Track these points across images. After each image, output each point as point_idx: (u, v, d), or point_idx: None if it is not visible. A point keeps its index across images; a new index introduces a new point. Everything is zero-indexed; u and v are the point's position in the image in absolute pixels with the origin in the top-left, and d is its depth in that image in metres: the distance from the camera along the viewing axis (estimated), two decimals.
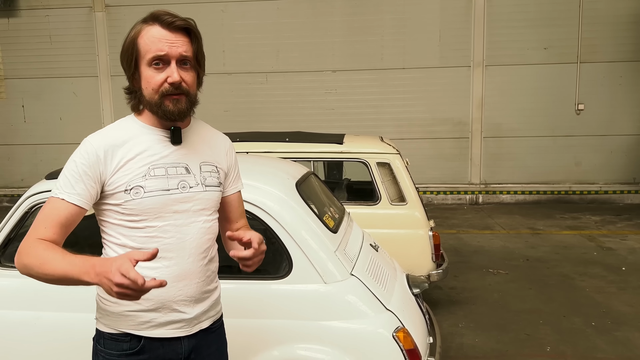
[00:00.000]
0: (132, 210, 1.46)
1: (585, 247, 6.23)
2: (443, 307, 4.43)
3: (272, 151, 4.23)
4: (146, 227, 1.48)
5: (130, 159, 1.47)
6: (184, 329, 1.55)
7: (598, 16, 8.63)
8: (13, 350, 2.37)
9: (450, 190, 9.15)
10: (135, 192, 1.45)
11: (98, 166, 1.44)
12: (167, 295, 1.49)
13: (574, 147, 8.96)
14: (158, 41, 1.42)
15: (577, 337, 3.87)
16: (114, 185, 1.46)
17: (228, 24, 9.13)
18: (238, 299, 2.29)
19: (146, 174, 1.47)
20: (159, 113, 1.47)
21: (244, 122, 8.77)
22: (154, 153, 1.49)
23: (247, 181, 2.42)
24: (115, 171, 1.45)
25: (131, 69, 1.48)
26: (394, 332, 2.21)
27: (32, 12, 9.40)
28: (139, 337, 1.51)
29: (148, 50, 1.43)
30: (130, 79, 1.51)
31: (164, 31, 1.43)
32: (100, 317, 1.55)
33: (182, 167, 1.52)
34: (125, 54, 1.48)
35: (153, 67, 1.44)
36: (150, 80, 1.44)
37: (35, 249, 1.37)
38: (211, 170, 1.58)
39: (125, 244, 1.49)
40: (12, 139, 9.69)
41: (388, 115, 9.07)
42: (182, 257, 1.51)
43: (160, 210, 1.48)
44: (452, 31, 8.87)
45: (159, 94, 1.44)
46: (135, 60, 1.46)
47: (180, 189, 1.50)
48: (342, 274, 2.29)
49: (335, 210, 2.86)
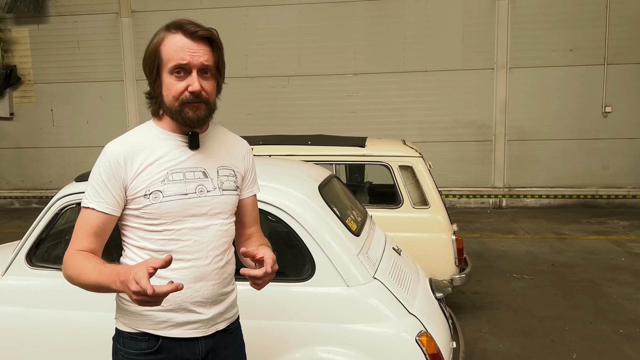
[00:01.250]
0: (151, 214, 1.50)
1: (613, 252, 6.09)
2: (466, 311, 4.38)
3: (295, 154, 4.25)
4: (164, 231, 1.51)
5: (149, 165, 1.50)
6: (201, 330, 1.58)
7: (626, 16, 8.45)
8: (43, 348, 2.43)
9: (474, 194, 9.05)
10: (155, 196, 1.49)
11: (120, 173, 1.49)
12: (184, 297, 1.52)
13: (601, 150, 8.78)
14: (180, 50, 1.45)
15: (604, 345, 3.78)
16: (134, 191, 1.49)
17: (250, 28, 9.22)
18: (260, 301, 2.31)
19: (165, 178, 1.50)
20: (179, 120, 1.50)
21: (267, 126, 8.83)
22: (172, 158, 1.52)
23: (270, 184, 2.45)
24: (135, 177, 1.49)
25: (153, 76, 1.51)
26: (417, 337, 2.20)
27: (60, 19, 9.64)
28: (157, 337, 1.54)
29: (170, 59, 1.46)
30: (152, 85, 1.54)
31: (186, 40, 1.45)
32: (120, 316, 1.59)
33: (199, 172, 1.55)
34: (148, 60, 1.51)
35: (175, 75, 1.46)
36: (171, 88, 1.47)
37: (73, 261, 1.46)
38: (228, 175, 1.61)
39: (144, 246, 1.53)
40: (41, 142, 9.95)
41: (410, 119, 9.02)
42: (199, 259, 1.54)
43: (179, 214, 1.51)
44: (475, 33, 8.79)
45: (179, 101, 1.47)
46: (157, 68, 1.49)
47: (198, 193, 1.53)
48: (364, 277, 2.29)
49: (357, 214, 2.86)
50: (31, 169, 10.04)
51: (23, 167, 10.11)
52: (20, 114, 10.03)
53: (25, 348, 2.45)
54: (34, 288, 2.47)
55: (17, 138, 10.08)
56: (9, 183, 10.20)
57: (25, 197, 10.11)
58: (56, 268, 2.46)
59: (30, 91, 9.94)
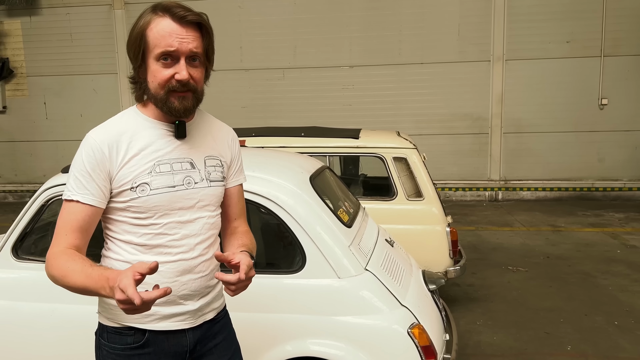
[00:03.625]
0: (138, 208, 1.44)
1: (609, 244, 6.08)
2: (461, 304, 4.36)
3: (288, 146, 4.21)
4: (151, 225, 1.46)
5: (134, 155, 1.43)
6: (188, 321, 1.54)
7: (622, 8, 8.40)
8: (30, 341, 2.39)
9: (469, 187, 9.03)
10: (142, 189, 1.43)
11: (105, 162, 1.41)
12: (172, 290, 1.46)
13: (597, 143, 8.76)
14: (168, 36, 1.37)
15: (598, 336, 3.77)
16: (120, 182, 1.43)
17: (245, 20, 9.14)
18: (251, 294, 2.26)
19: (152, 170, 1.44)
20: (164, 109, 1.44)
21: (261, 118, 8.78)
22: (159, 148, 1.46)
23: (260, 174, 2.41)
24: (120, 167, 1.42)
25: (138, 61, 1.44)
26: (409, 328, 2.18)
27: (53, 11, 9.54)
28: (143, 331, 1.49)
29: (157, 45, 1.38)
30: (137, 69, 1.47)
31: (174, 25, 1.38)
32: (103, 310, 1.53)
33: (187, 162, 1.49)
34: (133, 44, 1.43)
35: (161, 61, 1.39)
36: (157, 75, 1.40)
37: (57, 260, 1.37)
38: (215, 165, 1.56)
39: (129, 240, 1.47)
40: (34, 135, 9.87)
41: (406, 111, 8.98)
42: (186, 252, 1.50)
43: (166, 207, 1.46)
44: (471, 25, 8.73)
45: (165, 89, 1.41)
46: (143, 52, 1.41)
47: (186, 185, 1.48)
48: (356, 268, 2.26)
49: (349, 205, 2.83)
50: (24, 163, 9.97)
51: (16, 161, 10.03)
52: (12, 107, 9.94)
53: (12, 341, 2.41)
54: (20, 281, 2.43)
55: (10, 131, 10.00)
56: (3, 177, 10.13)
57: (19, 191, 10.04)
58: (42, 261, 2.40)
59: (23, 84, 9.85)
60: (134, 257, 1.46)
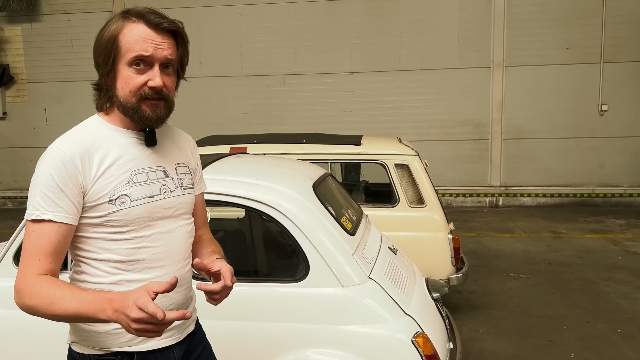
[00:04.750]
0: (118, 221, 1.35)
1: (610, 251, 6.07)
2: (463, 311, 4.34)
3: (289, 153, 4.21)
4: (133, 238, 1.38)
5: (109, 166, 1.35)
6: (175, 337, 1.50)
7: (622, 15, 8.43)
8: (32, 349, 2.38)
9: (470, 193, 9.02)
10: (121, 201, 1.35)
11: (77, 176, 1.31)
12: (162, 307, 1.40)
13: (597, 149, 8.76)
14: (143, 41, 1.32)
15: (602, 344, 3.75)
16: (95, 197, 1.34)
17: (245, 27, 9.16)
18: (254, 302, 2.26)
19: (129, 180, 1.37)
20: (135, 118, 1.37)
21: (262, 125, 8.77)
22: (133, 157, 1.39)
23: (263, 182, 2.40)
24: (94, 180, 1.33)
25: (107, 67, 1.36)
26: (414, 337, 2.16)
27: (54, 17, 9.56)
28: (130, 354, 1.42)
29: (130, 49, 1.33)
30: (103, 77, 1.39)
31: (149, 31, 1.33)
32: (81, 339, 1.42)
33: (160, 171, 1.44)
34: (104, 49, 1.36)
35: (134, 67, 1.33)
36: (129, 81, 1.34)
37: (38, 288, 1.25)
38: (185, 172, 1.53)
39: (108, 258, 1.37)
40: (34, 141, 9.86)
41: (406, 117, 8.98)
42: (171, 264, 1.45)
43: (147, 218, 1.39)
44: (471, 32, 8.76)
45: (137, 96, 1.35)
46: (114, 58, 1.35)
47: (163, 194, 1.43)
48: (359, 277, 2.25)
49: (352, 212, 2.82)
50: (25, 169, 9.94)
51: (16, 167, 10.02)
52: (13, 114, 9.94)
53: (14, 349, 2.40)
54: None
55: (10, 138, 9.99)
56: (2, 183, 10.11)
57: (18, 198, 10.02)
58: None
59: (23, 90, 9.85)
60: (117, 277, 1.38)
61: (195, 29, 8.86)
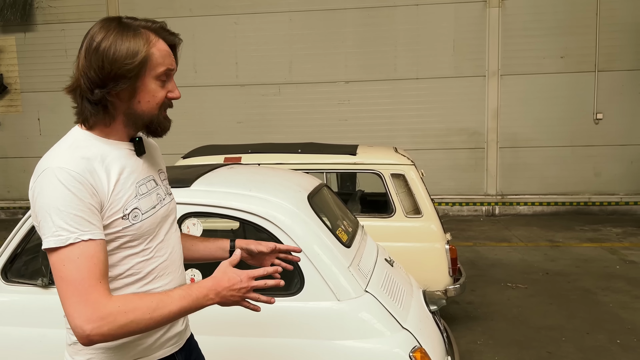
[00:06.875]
0: (132, 235, 1.34)
1: (607, 260, 6.04)
2: (460, 322, 4.29)
3: (284, 163, 4.16)
4: (143, 251, 1.37)
5: (116, 181, 1.32)
6: (178, 344, 1.51)
7: (616, 24, 8.48)
8: None
9: (466, 202, 9.00)
10: (134, 215, 1.33)
11: (94, 193, 1.26)
12: None
13: (593, 157, 8.77)
14: (168, 55, 1.36)
15: (601, 355, 3.71)
16: (110, 212, 1.29)
17: (241, 36, 9.15)
18: (247, 317, 2.20)
19: (137, 193, 1.36)
20: (157, 130, 1.40)
21: (257, 134, 8.74)
22: (133, 169, 1.38)
23: (256, 194, 2.35)
24: (109, 196, 1.30)
25: (128, 81, 1.30)
26: (411, 352, 2.11)
27: (48, 27, 9.53)
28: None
29: (160, 64, 1.33)
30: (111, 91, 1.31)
31: (166, 45, 1.38)
32: (95, 356, 1.36)
33: (151, 180, 1.44)
34: (131, 63, 1.29)
35: (160, 81, 1.35)
36: (156, 94, 1.35)
37: (130, 304, 1.22)
38: (165, 178, 1.55)
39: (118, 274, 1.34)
40: (27, 151, 9.79)
41: (402, 126, 8.97)
42: (174, 271, 1.47)
43: (153, 229, 1.40)
44: (466, 41, 8.78)
45: (159, 108, 1.38)
46: (137, 72, 1.31)
47: (160, 203, 1.44)
48: (356, 290, 2.20)
49: (348, 224, 2.77)
50: (17, 179, 9.87)
51: (9, 178, 9.94)
52: (6, 123, 9.88)
53: None
54: (9, 305, 2.35)
55: (3, 147, 9.92)
56: None
57: (11, 208, 9.93)
58: (32, 284, 2.34)
59: (17, 100, 9.80)
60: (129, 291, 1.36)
61: (190, 38, 8.84)
